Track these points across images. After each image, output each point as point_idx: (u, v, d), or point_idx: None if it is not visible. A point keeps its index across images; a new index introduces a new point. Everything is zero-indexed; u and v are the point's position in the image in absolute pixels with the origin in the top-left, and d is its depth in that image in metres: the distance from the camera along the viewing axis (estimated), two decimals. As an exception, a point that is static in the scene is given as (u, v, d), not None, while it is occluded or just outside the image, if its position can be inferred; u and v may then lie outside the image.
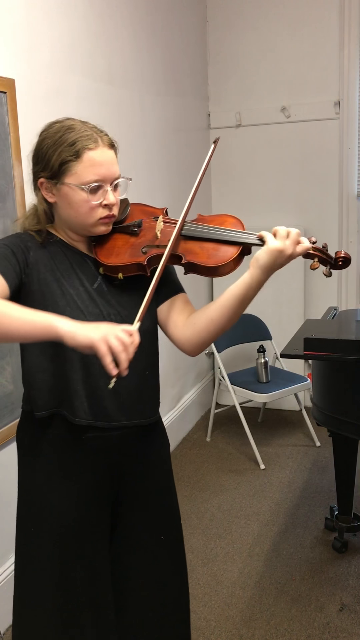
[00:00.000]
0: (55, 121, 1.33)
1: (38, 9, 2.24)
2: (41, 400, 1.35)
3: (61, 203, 1.32)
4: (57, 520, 1.37)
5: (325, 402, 2.41)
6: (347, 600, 2.29)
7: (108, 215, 1.33)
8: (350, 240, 3.90)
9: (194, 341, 1.39)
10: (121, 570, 1.47)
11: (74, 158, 1.28)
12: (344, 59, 3.72)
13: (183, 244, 1.36)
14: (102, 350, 1.12)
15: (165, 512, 1.52)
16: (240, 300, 1.32)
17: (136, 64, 3.05)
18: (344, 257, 1.35)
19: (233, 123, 4.04)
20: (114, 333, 1.13)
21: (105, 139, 1.32)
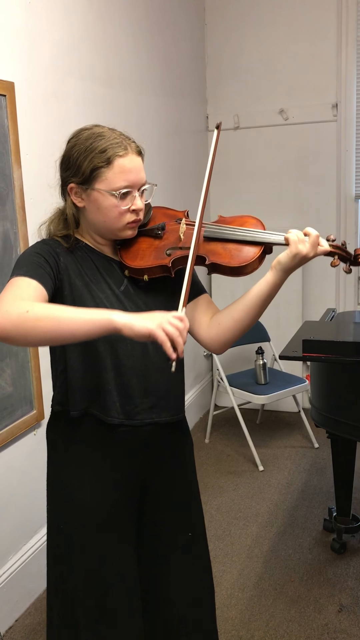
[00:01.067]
0: (84, 128, 1.38)
1: (38, 13, 2.25)
2: (76, 399, 1.38)
3: (90, 208, 1.36)
4: (88, 516, 1.41)
5: (324, 404, 2.41)
6: (345, 601, 2.30)
7: (135, 219, 1.38)
8: (348, 242, 3.90)
9: (220, 340, 1.47)
10: (151, 567, 1.52)
11: (105, 165, 1.32)
12: (341, 62, 3.73)
13: (206, 245, 1.40)
14: (161, 337, 1.16)
15: (188, 509, 1.56)
16: (264, 299, 1.39)
17: (135, 67, 3.06)
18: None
19: (231, 125, 4.05)
20: (167, 320, 1.17)
21: (133, 146, 1.37)
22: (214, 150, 1.44)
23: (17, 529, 2.29)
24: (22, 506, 2.30)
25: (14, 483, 2.25)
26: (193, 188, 3.90)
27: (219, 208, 4.13)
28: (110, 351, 1.36)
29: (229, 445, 3.69)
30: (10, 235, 2.13)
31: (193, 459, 1.61)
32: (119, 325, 1.17)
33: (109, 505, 1.42)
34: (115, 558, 1.43)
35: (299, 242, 1.33)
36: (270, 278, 1.37)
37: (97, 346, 1.35)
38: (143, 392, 1.39)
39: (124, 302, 1.39)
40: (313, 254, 1.34)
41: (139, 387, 1.39)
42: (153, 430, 1.43)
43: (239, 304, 1.42)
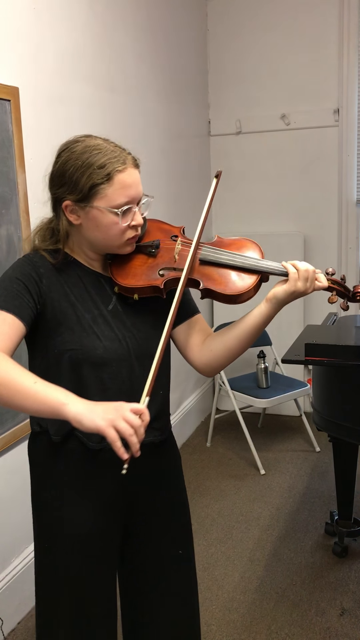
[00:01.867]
0: (76, 140, 1.30)
1: (42, 18, 2.26)
2: (57, 424, 1.32)
3: (88, 225, 1.29)
4: (71, 535, 1.36)
5: (326, 408, 2.42)
6: (347, 604, 2.30)
7: (135, 235, 1.32)
8: (350, 247, 3.92)
9: (212, 366, 1.42)
10: (137, 585, 1.48)
11: (105, 181, 1.24)
12: (343, 67, 3.75)
13: (201, 268, 1.34)
14: (111, 436, 1.07)
15: (179, 527, 1.52)
16: (257, 330, 1.35)
17: (138, 72, 3.07)
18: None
19: (233, 130, 4.07)
20: (122, 415, 1.09)
21: (130, 159, 1.29)
22: (211, 198, 1.39)
23: (20, 531, 2.30)
24: (25, 509, 2.29)
25: (16, 486, 2.25)
26: (195, 193, 3.92)
27: (220, 214, 4.15)
28: (94, 375, 1.30)
29: (231, 449, 3.70)
30: (14, 238, 2.15)
31: (181, 475, 1.55)
32: (68, 417, 1.09)
33: (93, 524, 1.37)
34: (98, 576, 1.39)
35: (299, 279, 1.29)
36: (264, 310, 1.33)
37: (82, 370, 1.29)
38: None
39: (111, 323, 1.33)
40: (311, 290, 1.31)
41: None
42: None
43: (232, 332, 1.37)
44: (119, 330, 1.33)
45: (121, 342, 1.32)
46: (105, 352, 1.29)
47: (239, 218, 4.11)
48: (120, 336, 1.33)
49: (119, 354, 1.31)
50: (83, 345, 1.28)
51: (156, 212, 1.56)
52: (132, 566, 1.48)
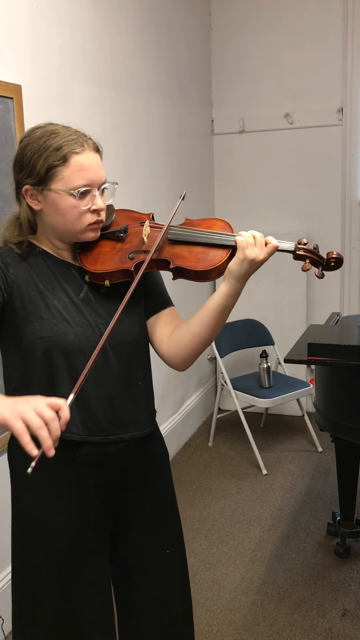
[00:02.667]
0: (37, 127, 1.29)
1: (45, 16, 2.26)
2: None
3: (47, 210, 1.28)
4: (53, 539, 1.32)
5: (328, 408, 2.41)
6: (349, 605, 2.29)
7: (97, 220, 1.30)
8: (353, 247, 3.91)
9: (181, 357, 1.39)
10: (126, 587, 1.45)
11: (61, 163, 1.24)
12: (347, 66, 3.74)
13: (170, 248, 1.33)
14: (17, 428, 0.98)
15: (167, 525, 1.48)
16: (221, 311, 1.32)
17: (140, 71, 3.07)
18: (336, 257, 1.32)
19: (236, 129, 4.06)
20: (33, 407, 1.00)
21: (90, 143, 1.29)
22: (172, 216, 1.36)
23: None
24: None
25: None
26: (199, 191, 3.91)
27: (223, 212, 4.14)
28: (65, 363, 1.26)
29: (233, 449, 3.69)
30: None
31: (169, 472, 1.51)
32: None
33: (76, 526, 1.34)
34: (83, 580, 1.35)
35: (247, 247, 1.26)
36: (224, 289, 1.30)
37: (53, 357, 1.26)
38: (105, 406, 1.30)
39: (83, 309, 1.30)
40: (263, 256, 1.28)
41: (100, 401, 1.30)
42: (120, 448, 1.34)
43: (196, 318, 1.34)
44: (90, 317, 1.30)
45: (93, 328, 1.29)
46: (76, 337, 1.26)
47: (241, 217, 4.10)
48: (93, 322, 1.30)
49: (92, 341, 1.27)
50: (53, 332, 1.25)
51: (159, 211, 1.55)
52: (121, 565, 1.44)
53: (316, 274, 1.35)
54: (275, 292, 4.01)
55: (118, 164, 2.83)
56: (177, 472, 3.42)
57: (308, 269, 1.32)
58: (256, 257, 1.27)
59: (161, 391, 3.46)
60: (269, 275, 3.94)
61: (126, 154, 2.93)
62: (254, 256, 1.27)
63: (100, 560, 1.38)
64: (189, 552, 2.66)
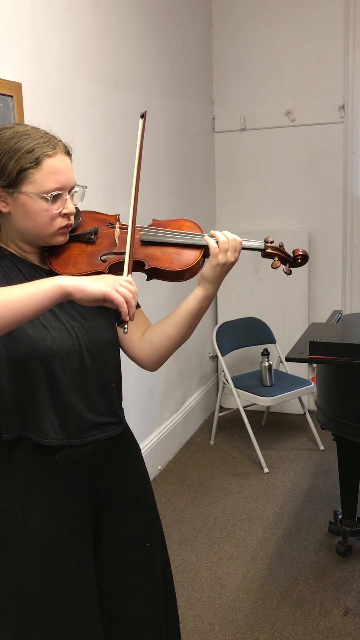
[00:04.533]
0: (4, 127, 1.25)
1: (45, 14, 2.25)
2: (7, 421, 1.27)
3: (16, 213, 1.24)
4: (39, 546, 1.29)
5: (330, 406, 2.41)
6: (351, 604, 2.29)
7: (67, 224, 1.28)
8: (355, 244, 3.90)
9: (153, 358, 1.40)
10: (108, 584, 1.42)
11: (34, 165, 1.21)
12: (348, 63, 3.73)
13: (143, 249, 1.33)
14: (118, 298, 1.11)
15: (146, 518, 1.48)
16: (195, 314, 1.35)
17: (142, 68, 3.06)
18: (302, 254, 1.37)
19: (238, 127, 4.05)
20: (119, 282, 1.12)
21: (61, 145, 1.26)
22: (141, 142, 1.34)
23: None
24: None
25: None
26: (200, 189, 3.90)
27: (224, 210, 4.13)
28: (43, 368, 1.24)
29: (234, 447, 3.69)
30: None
31: (144, 466, 1.51)
32: (69, 289, 1.07)
33: (60, 530, 1.31)
34: (73, 583, 1.32)
35: (219, 252, 1.30)
36: (198, 292, 1.33)
37: (29, 364, 1.23)
38: (83, 409, 1.29)
39: (57, 313, 1.28)
40: (233, 258, 1.31)
41: (79, 405, 1.29)
42: (98, 448, 1.33)
43: (170, 320, 1.36)
44: (66, 320, 1.28)
45: (70, 332, 1.27)
46: (54, 342, 1.24)
47: (243, 215, 4.09)
48: (69, 326, 1.28)
49: (69, 345, 1.26)
50: (30, 337, 1.22)
51: (160, 209, 1.54)
52: (101, 563, 1.42)
53: (284, 271, 1.39)
54: (276, 290, 4.00)
55: (118, 161, 2.83)
56: (179, 470, 3.42)
57: (277, 266, 1.36)
58: (227, 260, 1.31)
59: (162, 390, 3.46)
60: (270, 274, 3.94)
61: (126, 152, 2.92)
62: (225, 260, 1.31)
63: (86, 560, 1.36)
64: (190, 551, 2.66)
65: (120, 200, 2.68)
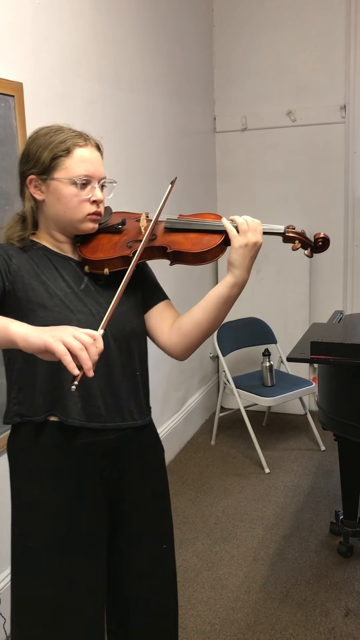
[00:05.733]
0: (44, 126, 1.39)
1: (46, 14, 2.25)
2: (36, 404, 1.33)
3: (50, 199, 1.35)
4: (56, 530, 1.34)
5: (332, 406, 2.40)
6: (352, 605, 2.28)
7: (96, 211, 1.37)
8: (356, 244, 3.90)
9: (182, 345, 1.43)
10: (122, 580, 1.46)
11: (65, 154, 1.32)
12: (349, 63, 3.72)
13: (167, 236, 1.40)
14: (59, 349, 1.04)
15: (161, 518, 1.51)
16: (224, 300, 1.37)
17: (143, 68, 3.06)
18: (323, 237, 1.41)
19: (239, 127, 4.05)
20: (72, 333, 1.06)
21: (92, 141, 1.38)
22: (163, 203, 1.44)
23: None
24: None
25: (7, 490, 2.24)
26: (201, 189, 3.90)
27: (225, 209, 4.13)
28: None
29: (235, 447, 3.68)
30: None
31: (164, 466, 1.54)
32: (14, 337, 1.08)
33: (78, 517, 1.35)
34: (86, 570, 1.37)
35: (240, 234, 1.34)
36: (228, 279, 1.36)
37: None
38: (105, 394, 1.35)
39: (84, 299, 1.35)
40: (256, 238, 1.35)
41: (100, 388, 1.34)
42: (118, 436, 1.38)
43: (200, 306, 1.40)
44: (91, 305, 1.35)
45: (95, 316, 1.34)
46: (79, 324, 1.26)
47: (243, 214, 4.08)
48: (94, 311, 1.35)
49: (94, 328, 1.25)
50: (57, 319, 1.29)
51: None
52: (115, 558, 1.46)
53: (306, 254, 1.44)
54: (278, 290, 4.00)
55: (120, 161, 2.82)
56: (180, 470, 3.41)
57: (297, 247, 1.40)
58: (249, 241, 1.34)
59: (163, 390, 3.46)
60: (272, 273, 3.93)
61: (128, 151, 2.92)
62: (247, 241, 1.34)
63: (101, 550, 1.40)
64: (191, 551, 2.66)
65: (121, 201, 2.67)
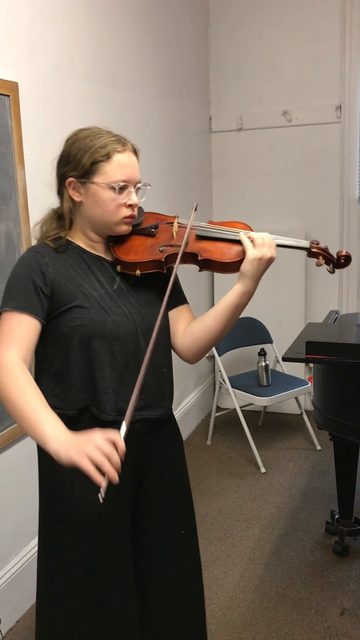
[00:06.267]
0: (82, 128, 1.43)
1: (42, 13, 2.25)
2: (72, 399, 1.40)
3: (87, 202, 1.40)
4: (82, 515, 1.41)
5: (327, 406, 2.41)
6: (348, 604, 2.29)
7: (131, 215, 1.42)
8: (351, 245, 3.91)
9: (193, 349, 1.51)
10: (143, 565, 1.52)
11: (105, 159, 1.37)
12: (345, 63, 3.73)
13: (198, 243, 1.46)
14: (84, 465, 1.13)
15: (183, 506, 1.59)
16: (234, 308, 1.44)
17: (138, 68, 3.05)
18: (345, 255, 1.50)
19: (234, 127, 4.05)
20: (95, 445, 1.14)
21: (130, 145, 1.43)
22: (194, 212, 1.49)
23: (18, 530, 2.29)
24: (24, 507, 2.29)
25: (15, 484, 2.25)
26: (196, 189, 3.90)
27: (222, 210, 4.13)
28: (104, 349, 1.37)
29: (231, 447, 3.69)
30: (13, 235, 2.13)
31: (184, 456, 1.62)
32: (50, 453, 1.19)
33: (103, 505, 1.40)
34: (110, 560, 1.43)
35: (255, 247, 1.39)
36: (239, 287, 1.42)
37: (92, 343, 1.37)
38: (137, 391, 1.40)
39: (117, 300, 1.42)
40: (270, 253, 1.40)
41: (133, 385, 1.38)
42: (143, 427, 1.44)
43: (211, 313, 1.46)
44: (125, 306, 1.42)
45: (128, 317, 1.41)
46: (114, 325, 1.38)
47: (239, 215, 4.08)
48: (127, 312, 1.41)
49: (127, 329, 1.39)
50: (92, 320, 1.36)
51: (157, 209, 1.58)
52: (139, 544, 1.52)
53: (328, 270, 1.52)
54: (273, 290, 4.00)
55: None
56: (176, 470, 3.41)
57: (321, 264, 1.48)
58: (264, 255, 1.40)
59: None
60: (268, 273, 3.90)
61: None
62: (261, 255, 1.40)
63: (125, 535, 1.46)
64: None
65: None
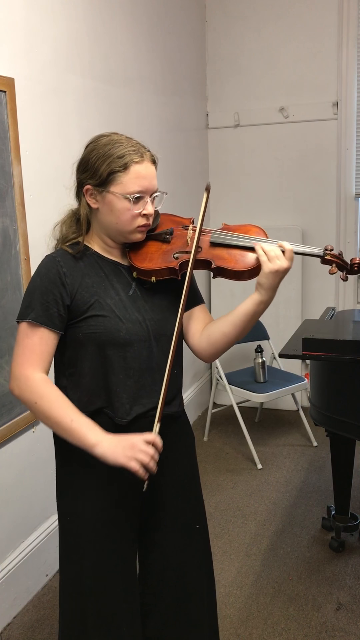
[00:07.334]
0: (102, 135, 1.44)
1: (38, 8, 2.24)
2: (85, 402, 1.43)
3: (103, 209, 1.42)
4: (96, 512, 1.46)
5: (323, 402, 2.41)
6: (344, 599, 2.30)
7: (145, 224, 1.44)
8: (348, 241, 3.91)
9: (210, 351, 1.54)
10: (155, 558, 1.57)
11: (122, 169, 1.38)
12: (342, 60, 3.73)
13: (212, 250, 1.48)
14: (134, 467, 1.30)
15: (196, 501, 1.62)
16: (251, 316, 1.46)
17: (135, 64, 3.05)
18: (359, 262, 1.48)
19: (231, 123, 4.04)
20: (138, 448, 1.31)
21: (148, 155, 1.44)
22: (204, 211, 1.49)
23: (15, 526, 2.29)
24: (21, 503, 2.29)
25: (12, 480, 2.25)
26: (193, 185, 3.90)
27: (218, 207, 4.13)
28: (117, 355, 1.41)
29: (228, 444, 3.69)
30: (9, 231, 2.13)
31: (194, 452, 1.66)
32: (97, 456, 1.32)
33: (117, 500, 1.47)
34: (116, 556, 1.48)
35: (269, 261, 1.40)
36: (255, 297, 1.44)
37: (106, 350, 1.41)
38: (150, 393, 1.45)
39: (132, 306, 1.45)
40: (287, 264, 1.40)
41: (146, 388, 1.45)
42: (152, 421, 1.45)
43: (228, 318, 1.49)
44: (139, 312, 1.45)
45: (142, 324, 1.44)
46: (127, 333, 1.41)
47: (236, 212, 4.09)
48: (141, 319, 1.44)
49: (140, 336, 1.43)
50: (107, 328, 1.40)
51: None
52: (150, 541, 1.56)
53: (341, 277, 1.52)
54: (270, 286, 4.00)
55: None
56: (172, 466, 3.42)
57: (335, 272, 1.47)
58: (280, 267, 1.40)
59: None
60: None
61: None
62: (277, 267, 1.40)
63: (134, 532, 1.53)
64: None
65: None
